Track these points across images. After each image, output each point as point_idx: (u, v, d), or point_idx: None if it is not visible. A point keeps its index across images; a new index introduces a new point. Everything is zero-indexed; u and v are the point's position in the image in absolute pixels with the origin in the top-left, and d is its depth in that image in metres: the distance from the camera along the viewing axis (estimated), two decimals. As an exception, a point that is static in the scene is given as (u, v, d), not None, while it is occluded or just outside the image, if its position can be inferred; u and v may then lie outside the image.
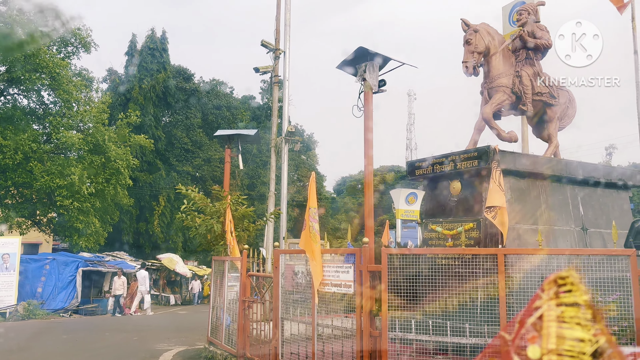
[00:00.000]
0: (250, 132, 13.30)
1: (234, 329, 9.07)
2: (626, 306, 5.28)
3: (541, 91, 10.77)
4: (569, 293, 1.20)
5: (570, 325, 1.16)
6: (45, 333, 14.96)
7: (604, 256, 5.52)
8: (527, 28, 10.88)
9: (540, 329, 1.19)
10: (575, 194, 10.13)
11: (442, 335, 5.71)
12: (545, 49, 10.88)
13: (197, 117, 41.23)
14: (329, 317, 6.87)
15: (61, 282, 20.66)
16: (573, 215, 9.95)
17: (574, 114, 11.66)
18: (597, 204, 10.43)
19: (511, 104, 10.55)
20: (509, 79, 10.45)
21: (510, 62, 10.68)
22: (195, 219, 10.94)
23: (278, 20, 13.71)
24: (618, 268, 5.39)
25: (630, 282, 5.21)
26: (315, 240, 6.92)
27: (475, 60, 10.28)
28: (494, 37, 10.57)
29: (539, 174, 9.57)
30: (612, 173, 10.86)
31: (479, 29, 10.41)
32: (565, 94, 11.34)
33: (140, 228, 36.71)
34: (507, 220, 6.50)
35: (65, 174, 22.95)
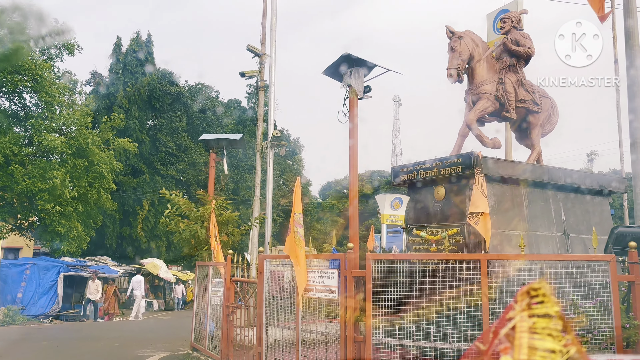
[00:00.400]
0: (235, 136, 13.27)
1: (218, 335, 9.02)
2: (606, 311, 5.35)
3: (524, 98, 10.89)
4: (540, 304, 1.21)
5: (541, 336, 1.18)
6: (25, 339, 14.73)
7: (584, 262, 5.59)
8: (511, 36, 11.01)
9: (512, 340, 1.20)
10: (557, 200, 10.24)
11: (425, 341, 5.73)
12: (528, 56, 11.02)
13: (182, 120, 41.01)
14: (313, 323, 6.86)
15: (42, 288, 20.36)
16: (555, 221, 10.06)
17: (556, 121, 11.80)
18: (578, 210, 10.56)
19: (495, 111, 10.65)
20: (492, 86, 10.55)
21: (494, 69, 10.80)
22: (179, 224, 10.87)
23: (264, 25, 13.72)
24: (598, 273, 5.46)
25: (610, 288, 5.27)
26: (300, 246, 6.92)
27: (460, 67, 10.37)
28: (478, 44, 10.67)
29: (521, 180, 9.67)
30: (593, 179, 11.01)
31: (463, 36, 10.51)
32: (548, 101, 11.49)
33: (124, 232, 36.38)
34: (490, 226, 6.56)
35: (47, 178, 22.64)
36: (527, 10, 12.12)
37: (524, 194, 9.76)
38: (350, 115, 7.14)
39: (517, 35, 11.01)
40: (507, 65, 10.94)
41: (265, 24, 13.62)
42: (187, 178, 40.80)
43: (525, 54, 10.89)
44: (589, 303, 5.53)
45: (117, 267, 27.39)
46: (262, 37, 13.66)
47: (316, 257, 7.42)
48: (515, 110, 10.72)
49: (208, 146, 13.21)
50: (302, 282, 6.84)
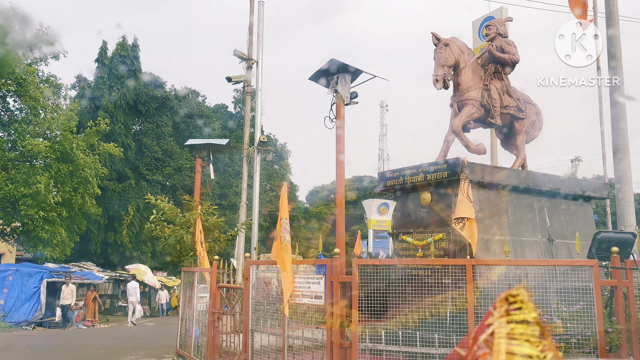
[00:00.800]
0: (221, 141, 13.21)
1: (203, 341, 8.96)
2: (589, 316, 5.40)
3: (509, 105, 11.00)
4: (519, 310, 1.23)
5: (519, 342, 1.20)
6: (7, 347, 14.50)
7: (568, 267, 5.64)
8: (496, 43, 11.13)
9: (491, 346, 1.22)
10: (541, 206, 10.34)
11: (411, 346, 5.74)
12: (513, 63, 11.15)
13: (168, 125, 40.78)
14: (299, 329, 6.84)
15: (24, 294, 20.07)
16: (540, 227, 10.15)
17: (540, 127, 11.94)
18: (562, 216, 10.67)
19: (480, 117, 10.75)
20: (478, 92, 10.64)
21: (480, 76, 10.90)
22: (164, 230, 10.79)
23: (251, 30, 13.71)
24: (581, 278, 5.51)
25: (593, 292, 5.33)
26: (286, 252, 6.90)
27: (445, 73, 10.46)
28: (464, 51, 10.77)
29: (506, 185, 9.76)
30: (576, 185, 11.14)
31: (449, 43, 10.60)
32: (533, 108, 11.61)
33: (109, 238, 36.02)
34: (476, 231, 6.60)
35: (31, 183, 22.38)
36: (511, 18, 12.27)
37: (508, 200, 9.84)
38: (337, 120, 7.15)
39: (502, 42, 11.13)
40: (492, 72, 11.05)
41: (252, 30, 13.62)
42: (173, 183, 40.55)
43: (510, 61, 11.01)
44: (572, 308, 5.58)
45: (102, 273, 27.11)
46: (249, 42, 13.64)
47: (302, 262, 7.41)
48: (500, 117, 10.82)
49: (194, 151, 13.15)
50: (288, 288, 6.81)
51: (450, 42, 10.61)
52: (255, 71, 13.53)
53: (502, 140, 11.79)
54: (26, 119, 24.89)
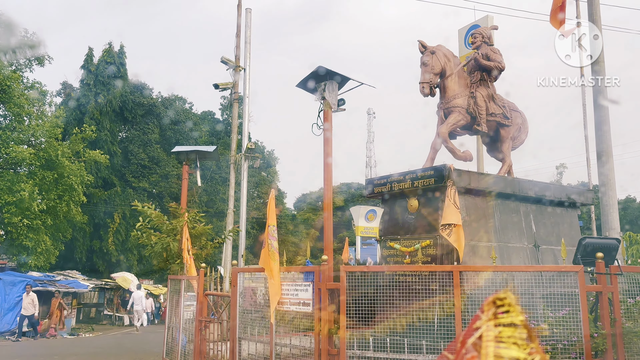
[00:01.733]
0: (208, 148, 13.18)
1: (190, 350, 8.88)
2: (575, 321, 5.44)
3: (495, 112, 11.09)
4: (506, 314, 1.24)
5: (507, 345, 1.20)
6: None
7: (554, 272, 5.68)
8: (482, 51, 11.23)
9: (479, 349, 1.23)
10: (527, 212, 10.42)
11: (399, 353, 5.74)
12: (499, 71, 11.25)
13: (154, 132, 40.57)
14: (287, 336, 6.81)
15: (7, 304, 19.78)
16: (526, 233, 10.22)
17: (526, 135, 12.05)
18: (548, 222, 10.75)
19: (466, 124, 10.82)
20: (464, 99, 10.72)
21: (466, 83, 10.98)
22: (150, 237, 10.71)
23: (238, 37, 13.73)
24: (567, 284, 5.56)
25: (578, 297, 5.37)
26: (274, 259, 6.88)
27: (432, 81, 10.53)
28: (450, 59, 10.85)
29: (491, 192, 9.82)
30: (562, 192, 11.24)
31: (435, 50, 10.68)
32: (519, 115, 11.72)
33: (94, 246, 35.65)
34: (463, 237, 6.62)
35: (15, 190, 22.14)
36: (497, 26, 12.43)
37: (494, 206, 9.90)
38: (324, 127, 7.17)
39: (488, 50, 11.23)
40: (478, 79, 11.13)
41: (240, 37, 13.63)
42: (159, 190, 40.29)
43: (495, 69, 11.11)
44: (559, 313, 5.62)
45: (87, 281, 26.83)
46: (237, 49, 13.65)
47: (290, 269, 7.38)
48: (486, 124, 10.90)
49: (181, 158, 13.10)
50: (275, 296, 6.79)
51: (436, 50, 10.70)
52: (242, 78, 13.54)
53: (488, 147, 11.87)
54: (10, 125, 24.64)
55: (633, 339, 5.40)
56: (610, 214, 12.89)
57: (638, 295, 6.49)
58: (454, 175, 9.23)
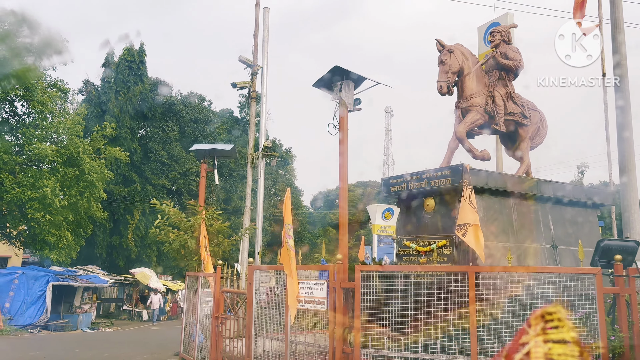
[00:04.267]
0: (226, 147, 13.29)
1: (207, 346, 8.98)
2: (592, 323, 5.40)
3: (513, 111, 10.99)
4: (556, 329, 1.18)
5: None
6: (13, 350, 14.57)
7: (571, 274, 5.64)
8: (500, 49, 11.14)
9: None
10: (546, 212, 10.32)
11: (414, 352, 5.75)
12: (517, 69, 11.16)
13: (174, 130, 40.96)
14: (302, 334, 6.86)
15: (30, 297, 20.17)
16: (544, 233, 10.13)
17: (545, 134, 11.92)
18: (567, 222, 10.64)
19: (484, 123, 10.75)
20: (482, 98, 10.65)
21: (484, 82, 10.90)
22: (169, 234, 10.85)
23: (256, 36, 13.81)
24: (585, 286, 5.51)
25: (595, 300, 5.32)
26: (291, 257, 6.92)
27: (449, 80, 10.48)
28: (468, 57, 10.78)
29: (510, 192, 9.75)
30: (581, 192, 11.12)
31: (453, 49, 10.62)
32: (537, 114, 11.61)
33: (114, 242, 36.15)
34: (481, 237, 6.60)
35: (38, 186, 22.53)
36: (516, 25, 12.28)
37: (512, 206, 9.83)
38: (340, 127, 7.19)
39: (507, 48, 11.14)
40: (496, 78, 11.05)
41: (257, 36, 13.72)
42: (178, 187, 40.69)
43: (514, 67, 11.01)
44: (575, 315, 5.58)
45: (107, 276, 27.21)
46: (254, 48, 13.74)
47: (305, 268, 7.42)
48: (504, 123, 10.82)
49: (199, 156, 13.21)
50: (293, 293, 6.84)
51: (454, 49, 10.64)
52: (260, 77, 13.60)
53: (506, 146, 11.77)
54: (33, 123, 25.05)
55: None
56: (631, 215, 12.68)
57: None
58: (471, 175, 9.21)
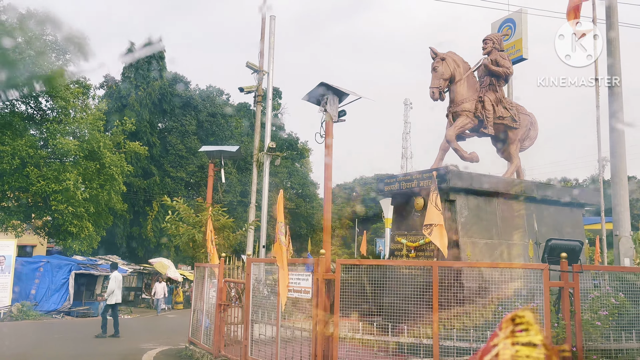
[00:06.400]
0: (232, 148, 14.16)
1: (212, 330, 9.89)
2: (540, 312, 6.13)
3: (503, 115, 11.65)
4: (525, 332, 1.22)
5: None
6: (39, 333, 15.72)
7: (522, 269, 6.37)
8: (492, 57, 11.79)
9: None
10: (530, 211, 10.99)
11: (384, 335, 6.56)
12: (507, 76, 11.81)
13: (192, 124, 41.99)
14: (292, 320, 7.70)
15: (54, 285, 21.37)
16: (528, 231, 10.81)
17: (535, 136, 12.54)
18: (550, 221, 11.29)
19: (474, 127, 11.44)
20: (472, 104, 11.32)
21: (475, 88, 11.56)
22: (179, 228, 11.77)
23: (262, 43, 14.61)
24: (535, 280, 6.24)
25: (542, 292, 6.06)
26: (282, 251, 7.75)
27: (441, 86, 11.18)
28: (460, 65, 11.45)
29: (494, 192, 10.44)
30: (565, 192, 11.75)
31: (445, 57, 11.31)
32: (527, 118, 12.24)
33: (134, 232, 37.41)
34: (445, 236, 7.33)
35: (61, 179, 23.65)
36: (508, 34, 12.92)
37: (497, 206, 10.53)
38: (326, 133, 7.98)
39: (498, 56, 11.78)
40: (487, 84, 11.71)
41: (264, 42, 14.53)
42: (196, 180, 41.75)
43: (503, 74, 11.67)
44: (529, 305, 6.32)
45: (127, 266, 28.35)
46: (261, 54, 14.56)
47: (294, 261, 8.25)
48: (493, 127, 11.48)
49: (209, 156, 14.12)
50: (284, 283, 7.67)
51: (446, 57, 11.32)
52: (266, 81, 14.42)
53: (497, 149, 12.42)
54: (57, 118, 26.19)
55: (589, 329, 6.06)
56: (621, 214, 13.17)
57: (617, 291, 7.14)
58: (458, 176, 9.98)
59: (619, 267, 9.25)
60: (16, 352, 12.00)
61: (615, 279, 7.08)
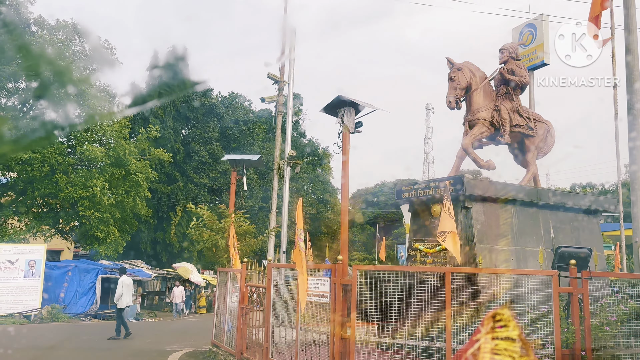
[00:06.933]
0: (254, 157, 14.59)
1: (234, 333, 10.24)
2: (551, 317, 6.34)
3: (519, 123, 11.81)
4: (504, 328, 1.33)
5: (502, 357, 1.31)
6: (68, 335, 16.27)
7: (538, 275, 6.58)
8: (508, 66, 11.97)
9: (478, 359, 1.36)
10: (546, 218, 11.13)
11: (399, 338, 6.82)
12: (522, 85, 11.97)
13: (214, 130, 42.67)
14: (310, 324, 8.01)
15: (82, 288, 22.02)
16: (544, 238, 10.95)
17: (552, 143, 12.65)
18: (567, 228, 11.40)
19: (490, 135, 11.63)
20: (488, 112, 11.52)
21: (491, 97, 11.75)
22: (202, 234, 12.19)
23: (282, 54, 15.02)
24: (545, 285, 6.45)
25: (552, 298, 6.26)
26: (302, 256, 8.07)
27: (458, 95, 11.40)
28: (475, 74, 11.66)
29: (510, 199, 10.62)
30: (582, 200, 11.84)
31: (461, 67, 11.53)
32: (544, 125, 12.38)
33: (158, 237, 38.11)
34: (458, 242, 7.56)
35: (88, 186, 24.38)
36: (525, 43, 13.07)
37: (513, 213, 10.69)
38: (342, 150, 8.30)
39: (514, 65, 11.96)
40: (504, 93, 11.89)
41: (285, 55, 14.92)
42: (219, 186, 42.36)
43: (519, 83, 11.84)
44: (540, 310, 6.54)
45: (151, 270, 28.95)
46: (281, 67, 14.98)
47: (313, 267, 8.56)
48: (510, 135, 11.65)
49: (231, 165, 14.54)
50: (303, 288, 7.98)
51: (462, 67, 11.54)
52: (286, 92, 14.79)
53: (514, 156, 12.57)
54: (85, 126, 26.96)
55: (598, 334, 6.24)
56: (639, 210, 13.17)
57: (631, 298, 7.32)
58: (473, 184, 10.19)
59: (629, 274, 9.36)
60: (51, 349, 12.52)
61: (630, 285, 7.26)
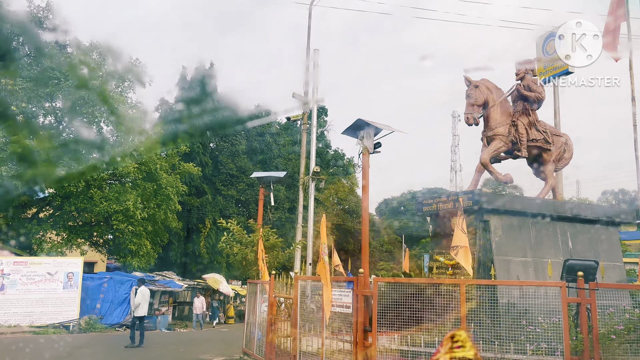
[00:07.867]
0: (280, 174, 15.23)
1: (264, 342, 10.80)
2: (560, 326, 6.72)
3: (536, 138, 12.17)
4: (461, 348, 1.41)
5: None
6: (105, 343, 17.07)
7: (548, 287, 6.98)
8: (524, 82, 12.35)
9: None
10: (564, 230, 11.43)
11: (417, 346, 7.27)
12: (539, 100, 12.33)
13: (242, 144, 43.59)
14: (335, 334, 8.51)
15: (117, 299, 22.87)
16: (562, 249, 11.26)
17: (570, 156, 12.96)
18: (585, 239, 11.68)
19: (508, 150, 12.02)
20: (505, 128, 11.91)
21: (508, 112, 12.15)
22: (233, 248, 12.84)
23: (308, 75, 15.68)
24: (554, 296, 6.84)
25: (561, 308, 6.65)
26: (326, 269, 8.59)
27: (475, 112, 11.84)
28: (493, 91, 12.08)
29: (529, 212, 10.97)
30: (600, 212, 12.10)
31: (479, 84, 11.97)
32: (561, 139, 12.70)
33: (188, 249, 39.01)
34: (469, 256, 7.97)
35: (122, 200, 25.31)
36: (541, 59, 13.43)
37: (531, 225, 11.05)
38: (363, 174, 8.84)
39: (530, 81, 12.34)
40: (520, 108, 12.27)
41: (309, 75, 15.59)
42: (246, 198, 43.17)
43: (536, 99, 12.21)
44: (550, 319, 6.93)
45: (182, 281, 29.75)
46: (305, 86, 15.64)
47: (336, 279, 9.06)
48: (527, 149, 12.02)
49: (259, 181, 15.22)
50: (328, 299, 8.49)
51: (479, 84, 11.98)
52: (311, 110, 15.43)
53: (533, 169, 12.91)
54: (117, 142, 28.00)
55: (606, 342, 6.59)
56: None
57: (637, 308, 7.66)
58: (492, 197, 10.59)
59: (632, 285, 9.69)
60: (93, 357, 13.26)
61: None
